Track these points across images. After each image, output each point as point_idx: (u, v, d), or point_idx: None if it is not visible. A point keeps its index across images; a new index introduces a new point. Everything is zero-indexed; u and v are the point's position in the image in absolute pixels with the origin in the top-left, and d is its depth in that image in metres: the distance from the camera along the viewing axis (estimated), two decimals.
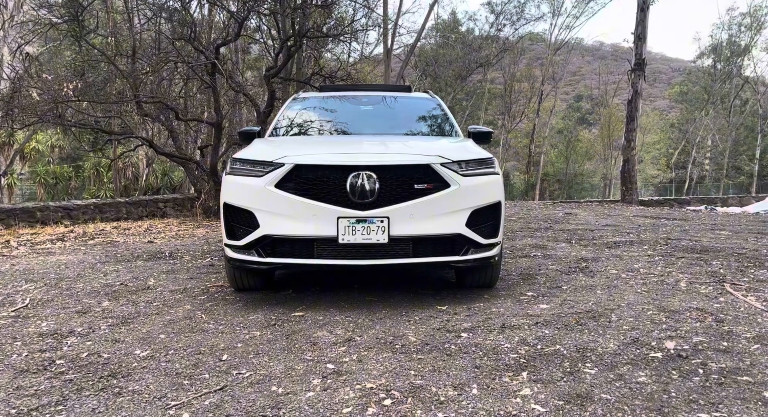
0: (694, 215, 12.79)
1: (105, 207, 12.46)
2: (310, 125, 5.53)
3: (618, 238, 7.75)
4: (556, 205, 16.37)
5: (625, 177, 17.23)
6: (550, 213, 12.79)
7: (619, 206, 16.23)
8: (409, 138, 5.06)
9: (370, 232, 3.85)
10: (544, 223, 10.32)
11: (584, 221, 10.57)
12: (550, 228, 9.27)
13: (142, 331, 3.56)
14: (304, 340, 3.33)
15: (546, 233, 8.55)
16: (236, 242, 4.07)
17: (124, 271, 5.59)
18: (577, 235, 8.27)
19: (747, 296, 4.24)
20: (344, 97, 5.88)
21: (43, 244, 8.42)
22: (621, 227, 9.39)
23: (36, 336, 3.50)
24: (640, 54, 16.71)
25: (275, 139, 5.05)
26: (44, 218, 11.75)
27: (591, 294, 4.38)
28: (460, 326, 3.53)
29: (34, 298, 4.47)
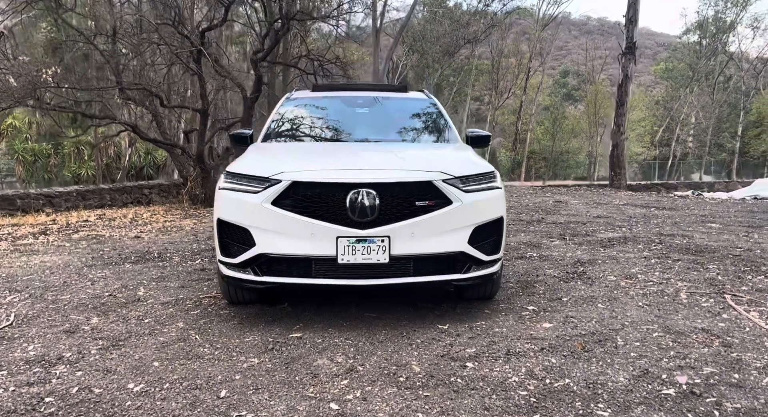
0: (683, 203, 12.82)
1: (88, 194, 12.19)
2: (305, 129, 5.35)
3: (611, 234, 7.70)
4: (545, 190, 16.31)
5: (614, 162, 17.20)
6: (540, 200, 12.75)
7: (607, 192, 16.25)
8: (408, 146, 4.90)
9: (371, 252, 3.73)
10: (535, 213, 10.26)
11: (575, 211, 10.53)
12: (542, 220, 9.21)
13: (134, 358, 3.42)
14: (304, 370, 3.22)
15: (539, 227, 8.49)
16: (231, 260, 3.93)
17: (112, 278, 5.42)
18: (570, 229, 8.21)
19: (749, 312, 4.20)
20: (338, 97, 5.69)
21: (25, 239, 8.20)
22: (612, 219, 9.36)
23: (23, 364, 3.36)
24: (631, 37, 16.55)
25: (270, 147, 4.87)
26: (25, 206, 11.47)
27: (593, 308, 4.31)
28: (464, 353, 3.44)
29: (19, 314, 4.31)
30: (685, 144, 59.41)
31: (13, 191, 11.66)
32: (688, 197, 15.27)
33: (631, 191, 16.85)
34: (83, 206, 11.90)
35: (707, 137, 55.61)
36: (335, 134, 5.24)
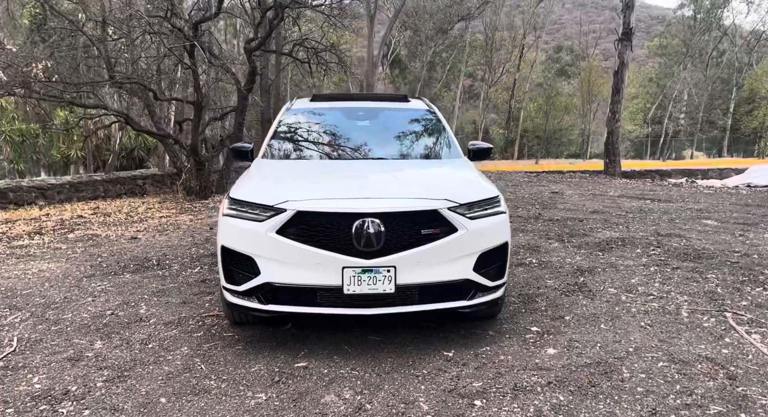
0: (677, 193, 12.87)
1: (81, 185, 12.07)
2: (306, 145, 5.28)
3: (609, 233, 7.73)
4: (540, 178, 16.30)
5: (609, 149, 17.18)
6: (535, 191, 12.75)
7: (602, 179, 16.27)
8: (412, 165, 4.85)
9: (377, 282, 3.72)
10: (532, 207, 10.27)
11: (572, 205, 10.55)
12: (540, 216, 9.22)
13: (141, 393, 3.42)
14: (313, 408, 3.23)
15: (536, 225, 8.50)
16: (236, 287, 3.91)
17: (113, 292, 5.39)
18: (567, 228, 8.23)
19: (751, 334, 4.23)
20: (339, 109, 5.61)
21: (20, 240, 8.13)
22: (609, 215, 9.39)
23: (29, 400, 3.34)
24: (628, 23, 16.39)
25: (272, 167, 4.80)
26: (17, 199, 11.36)
27: (596, 330, 4.33)
28: (471, 387, 3.45)
29: (22, 338, 4.28)
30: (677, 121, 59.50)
31: (4, 184, 11.52)
32: (682, 185, 15.33)
33: (626, 179, 16.88)
34: (77, 198, 11.80)
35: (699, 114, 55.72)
36: (338, 151, 5.18)
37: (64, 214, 10.46)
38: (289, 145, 5.25)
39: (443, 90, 46.54)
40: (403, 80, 42.87)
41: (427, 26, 37.46)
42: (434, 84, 43.16)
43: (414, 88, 40.56)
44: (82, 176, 12.87)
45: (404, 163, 4.90)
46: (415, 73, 39.98)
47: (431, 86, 42.96)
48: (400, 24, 37.73)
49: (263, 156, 5.06)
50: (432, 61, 41.52)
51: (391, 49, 40.31)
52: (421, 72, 39.52)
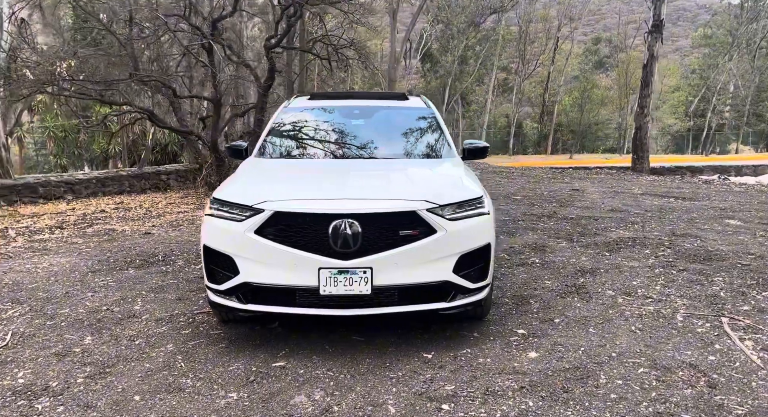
0: (705, 191, 12.50)
1: (107, 180, 12.37)
2: (298, 144, 5.31)
3: (622, 233, 7.56)
4: (564, 174, 16.02)
5: (637, 145, 16.79)
6: (556, 188, 12.55)
7: (629, 176, 15.91)
8: (399, 165, 4.83)
9: (353, 283, 3.72)
10: (548, 205, 10.11)
11: (590, 202, 10.35)
12: (554, 215, 9.08)
13: (117, 390, 3.50)
14: (281, 408, 3.25)
15: (548, 223, 8.37)
16: (217, 286, 3.96)
17: (113, 287, 5.52)
18: (580, 227, 8.08)
19: (744, 340, 4.10)
20: (335, 107, 5.62)
21: (41, 234, 8.38)
22: (627, 213, 9.17)
23: (9, 394, 3.46)
24: (659, 15, 15.94)
25: (259, 166, 4.84)
26: (47, 194, 11.71)
27: (583, 334, 4.25)
28: (442, 391, 3.43)
29: (17, 332, 4.42)
30: (721, 114, 57.65)
31: (34, 179, 11.89)
32: (714, 183, 14.88)
33: (654, 175, 16.46)
34: (102, 193, 12.11)
35: (746, 107, 53.88)
36: (328, 150, 5.19)
37: (88, 208, 10.75)
38: (280, 144, 5.28)
39: (474, 84, 46.05)
40: (434, 74, 42.61)
41: (459, 19, 37.10)
42: (465, 78, 42.75)
43: (445, 83, 40.29)
44: (108, 171, 13.21)
45: (392, 163, 4.88)
46: (446, 67, 39.69)
47: (462, 80, 42.58)
48: (432, 18, 37.50)
49: (256, 155, 5.11)
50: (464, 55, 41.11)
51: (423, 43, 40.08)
52: (452, 66, 39.22)
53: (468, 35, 38.78)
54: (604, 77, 61.87)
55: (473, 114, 49.61)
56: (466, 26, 37.62)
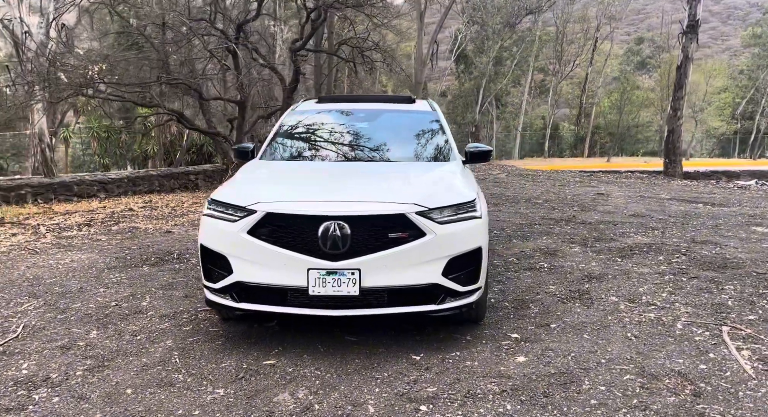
0: (737, 197, 12.17)
1: (138, 180, 12.73)
2: (300, 146, 5.42)
3: (639, 239, 7.44)
4: (592, 178, 15.78)
5: (669, 148, 16.43)
6: (581, 192, 12.39)
7: (660, 181, 15.59)
8: (397, 168, 4.87)
9: (341, 284, 3.79)
10: (569, 209, 10.01)
11: (612, 207, 10.20)
12: (573, 219, 8.98)
13: (112, 383, 3.64)
14: (263, 406, 3.34)
15: (565, 228, 8.29)
16: (213, 285, 4.08)
17: (125, 284, 5.71)
18: (597, 231, 7.98)
19: (741, 350, 4.02)
20: (340, 110, 5.71)
21: (70, 231, 8.69)
22: (649, 218, 9.02)
23: (11, 384, 3.63)
24: (694, 14, 15.58)
25: (259, 168, 4.96)
26: (81, 192, 12.12)
27: (577, 339, 4.23)
28: (424, 392, 3.47)
29: (28, 325, 4.63)
30: None
31: (69, 178, 12.33)
32: (749, 188, 14.46)
33: (687, 180, 16.08)
34: (132, 192, 12.47)
35: None
36: (328, 153, 5.28)
37: (117, 206, 11.09)
38: (283, 146, 5.39)
39: (509, 85, 45.55)
40: (468, 76, 42.36)
41: (494, 20, 36.82)
42: (500, 79, 42.36)
43: (478, 84, 40.01)
44: (138, 171, 13.61)
45: (390, 166, 4.94)
46: (480, 68, 39.43)
47: (496, 81, 42.21)
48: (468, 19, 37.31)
49: (260, 157, 5.23)
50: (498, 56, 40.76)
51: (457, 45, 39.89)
52: (486, 67, 38.94)
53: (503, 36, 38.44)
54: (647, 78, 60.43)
55: (509, 116, 49.14)
56: (502, 27, 37.30)
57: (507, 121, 49.90)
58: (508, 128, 49.42)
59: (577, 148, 48.71)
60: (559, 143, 51.58)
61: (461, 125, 41.98)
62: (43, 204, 11.43)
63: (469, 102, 42.05)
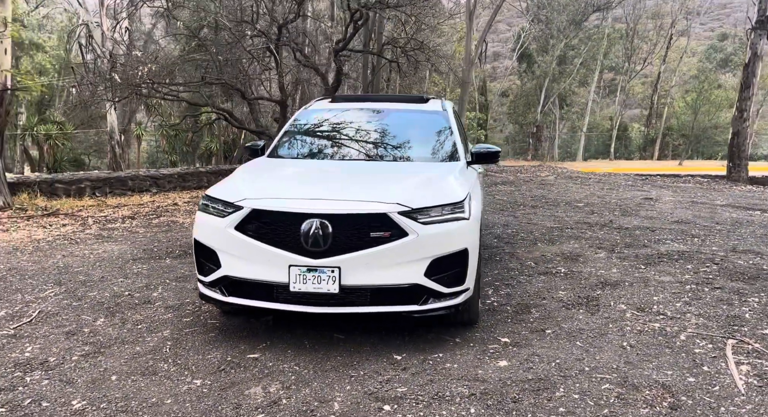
0: None
1: (188, 176, 13.21)
2: (305, 145, 5.50)
3: (674, 247, 7.13)
4: (645, 182, 15.18)
5: (734, 152, 15.59)
6: (628, 196, 11.96)
7: (721, 186, 14.83)
8: (391, 168, 4.87)
9: (321, 282, 3.84)
10: (609, 213, 9.69)
11: (657, 213, 9.80)
12: (609, 224, 8.69)
13: (100, 369, 3.81)
14: (233, 398, 3.42)
15: (598, 233, 8.03)
16: (204, 278, 4.21)
17: (144, 274, 5.96)
18: (630, 237, 7.70)
19: (741, 364, 3.81)
20: (350, 110, 5.75)
21: (114, 223, 9.13)
22: (693, 226, 8.60)
23: (12, 367, 3.86)
24: (764, 10, 14.71)
25: (259, 166, 5.06)
26: (134, 186, 12.69)
27: (568, 346, 4.12)
28: (393, 392, 3.47)
29: (44, 311, 4.90)
30: None
31: (125, 173, 12.94)
32: None
33: (753, 185, 15.18)
34: (181, 188, 12.96)
35: None
36: (329, 151, 5.33)
37: (165, 201, 11.56)
38: (289, 144, 5.48)
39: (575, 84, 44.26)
40: (530, 75, 41.52)
41: (560, 18, 35.94)
42: (564, 78, 41.25)
43: (541, 83, 39.17)
44: (189, 168, 14.13)
45: (386, 165, 4.94)
46: (542, 67, 38.57)
47: (560, 81, 41.14)
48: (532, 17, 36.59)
49: (268, 155, 5.34)
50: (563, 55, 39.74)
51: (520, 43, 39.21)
52: (549, 66, 38.05)
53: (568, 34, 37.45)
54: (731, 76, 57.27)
55: (575, 116, 47.86)
56: (567, 25, 36.37)
57: (572, 122, 48.65)
58: (573, 129, 48.17)
59: (646, 150, 46.90)
60: (627, 145, 49.78)
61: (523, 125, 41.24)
62: (100, 197, 12.03)
63: (531, 102, 41.23)
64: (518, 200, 11.32)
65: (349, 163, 5.03)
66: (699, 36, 74.96)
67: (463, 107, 16.74)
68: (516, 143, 46.24)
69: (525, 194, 12.23)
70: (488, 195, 12.15)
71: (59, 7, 39.67)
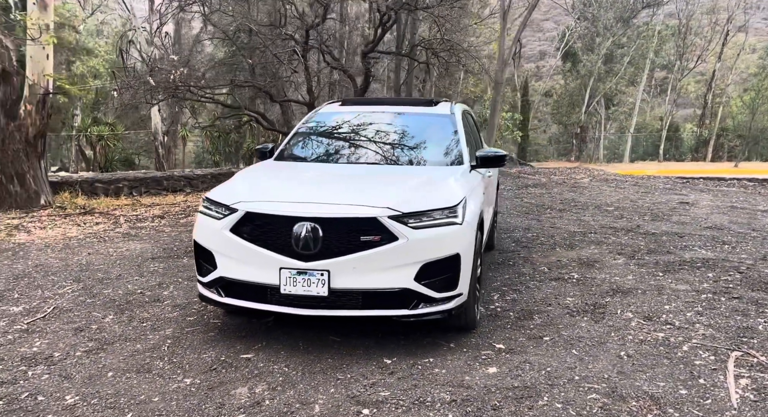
0: None
1: (221, 176, 13.46)
2: (310, 148, 5.55)
3: (700, 254, 6.90)
4: (685, 185, 14.70)
5: None
6: (663, 200, 11.62)
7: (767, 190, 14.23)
8: (388, 172, 4.87)
9: (311, 285, 3.88)
10: (638, 218, 9.44)
11: (690, 218, 9.49)
12: (636, 229, 8.48)
13: (99, 365, 3.94)
14: (218, 398, 3.49)
15: (622, 238, 7.84)
16: (202, 279, 4.31)
17: (159, 273, 6.13)
18: (655, 243, 7.49)
19: (741, 378, 3.67)
20: (357, 113, 5.77)
21: (144, 222, 9.41)
22: (726, 232, 8.30)
23: (18, 360, 4.03)
24: None
25: (261, 169, 5.13)
26: (169, 186, 13.04)
27: (563, 354, 4.05)
28: (375, 396, 3.48)
29: (58, 307, 5.10)
30: None
31: (161, 174, 13.32)
32: None
33: None
34: None
35: None
36: (330, 155, 5.37)
37: (196, 201, 11.83)
38: (294, 147, 5.54)
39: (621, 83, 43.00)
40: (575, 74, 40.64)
41: (607, 15, 35.08)
42: (611, 77, 40.18)
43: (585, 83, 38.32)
44: (221, 168, 14.40)
45: (384, 169, 4.95)
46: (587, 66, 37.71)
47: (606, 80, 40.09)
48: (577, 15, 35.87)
49: (275, 158, 5.41)
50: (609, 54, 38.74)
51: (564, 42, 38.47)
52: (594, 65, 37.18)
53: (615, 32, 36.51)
54: None
55: (623, 116, 46.65)
56: (614, 22, 35.47)
57: (620, 122, 47.46)
58: (621, 129, 46.99)
59: (699, 151, 45.33)
60: (678, 146, 48.24)
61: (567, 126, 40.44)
62: (136, 196, 12.41)
63: (575, 101, 40.39)
64: (546, 203, 11.14)
65: (349, 167, 5.05)
66: (760, 31, 72.13)
67: (496, 108, 16.55)
68: (560, 144, 45.39)
69: (555, 197, 12.02)
70: (516, 198, 12.00)
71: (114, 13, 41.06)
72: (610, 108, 44.92)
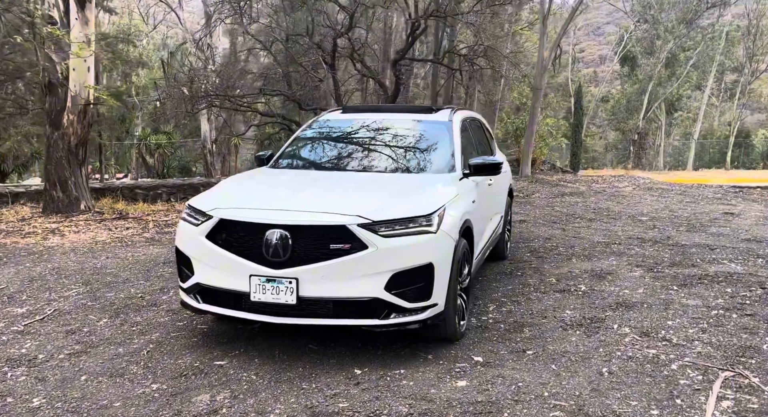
0: None
1: None
2: (304, 155, 5.55)
3: (727, 267, 6.53)
4: (738, 194, 13.91)
5: None
6: (706, 211, 11.06)
7: None
8: (369, 179, 4.79)
9: (279, 292, 3.86)
10: (671, 229, 9.01)
11: (730, 229, 8.99)
12: (665, 240, 8.10)
13: (76, 368, 4.03)
14: (177, 405, 3.50)
15: (647, 249, 7.49)
16: (182, 284, 4.35)
17: (165, 277, 6.25)
18: (681, 255, 7.13)
19: (723, 399, 3.42)
20: (356, 121, 5.74)
21: (170, 227, 9.64)
22: (765, 245, 7.79)
23: (4, 360, 4.18)
24: None
25: (248, 176, 5.17)
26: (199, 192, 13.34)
27: (539, 369, 3.89)
28: (333, 407, 3.42)
29: (59, 309, 5.26)
30: None
31: (198, 180, 13.65)
32: None
33: None
34: None
35: None
36: (323, 163, 5.34)
37: None
38: (289, 155, 5.54)
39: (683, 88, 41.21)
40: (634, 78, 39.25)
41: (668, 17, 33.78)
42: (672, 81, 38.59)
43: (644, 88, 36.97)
44: None
45: (369, 177, 4.87)
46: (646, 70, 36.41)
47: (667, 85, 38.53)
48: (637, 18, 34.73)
49: (270, 165, 5.44)
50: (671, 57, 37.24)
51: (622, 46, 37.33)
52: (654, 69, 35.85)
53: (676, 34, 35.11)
54: None
55: (687, 122, 44.80)
56: (676, 24, 34.11)
57: (685, 128, 45.60)
58: (685, 135, 45.13)
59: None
60: (749, 153, 45.93)
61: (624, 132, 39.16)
62: (173, 202, 12.76)
63: (634, 107, 39.01)
64: (577, 212, 10.78)
65: (337, 174, 5.02)
66: None
67: (534, 114, 16.14)
68: (618, 151, 43.98)
69: (588, 206, 11.63)
70: (548, 206, 11.68)
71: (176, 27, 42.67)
72: (672, 113, 43.25)
